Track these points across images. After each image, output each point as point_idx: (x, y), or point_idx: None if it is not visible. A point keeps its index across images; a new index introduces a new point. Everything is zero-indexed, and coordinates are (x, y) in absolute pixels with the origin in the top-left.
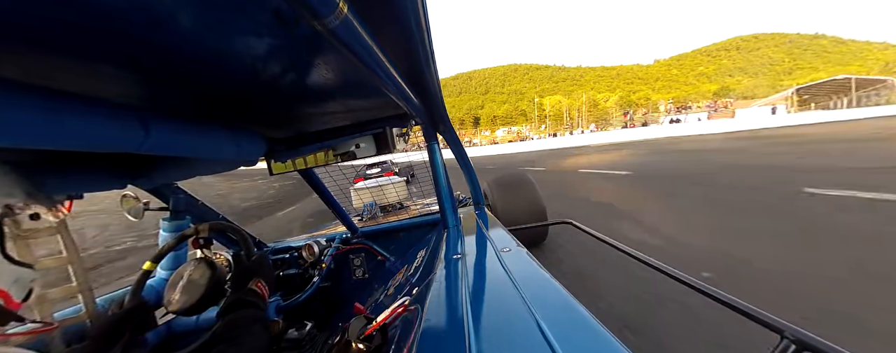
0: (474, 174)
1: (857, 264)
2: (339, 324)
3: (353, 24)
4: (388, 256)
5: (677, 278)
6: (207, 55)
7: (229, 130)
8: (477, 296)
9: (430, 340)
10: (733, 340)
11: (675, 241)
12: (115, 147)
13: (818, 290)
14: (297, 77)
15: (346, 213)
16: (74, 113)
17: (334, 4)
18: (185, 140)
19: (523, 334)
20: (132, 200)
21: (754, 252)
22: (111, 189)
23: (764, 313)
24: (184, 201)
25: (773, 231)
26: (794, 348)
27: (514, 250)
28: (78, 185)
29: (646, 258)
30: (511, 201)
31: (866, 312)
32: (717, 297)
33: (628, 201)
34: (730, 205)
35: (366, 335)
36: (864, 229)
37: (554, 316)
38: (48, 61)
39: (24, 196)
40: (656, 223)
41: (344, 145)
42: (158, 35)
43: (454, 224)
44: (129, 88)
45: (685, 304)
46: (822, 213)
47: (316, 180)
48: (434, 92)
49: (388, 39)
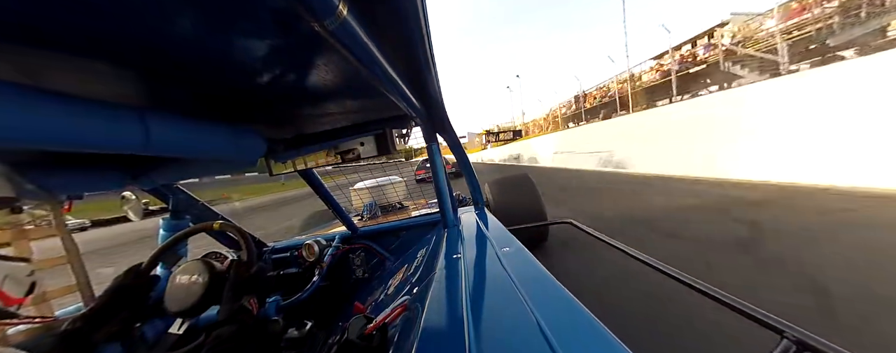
0: (474, 175)
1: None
2: (339, 323)
3: (352, 25)
4: (388, 255)
5: (677, 279)
6: (208, 55)
7: (229, 130)
8: (477, 295)
9: (430, 339)
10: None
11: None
12: (116, 147)
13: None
14: (298, 78)
15: (345, 212)
16: (74, 113)
17: (334, 6)
18: (186, 140)
19: (523, 333)
20: (132, 200)
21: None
22: (111, 189)
23: (764, 313)
24: (184, 202)
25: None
26: (795, 348)
27: (514, 249)
28: (78, 185)
29: (646, 258)
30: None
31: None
32: (716, 297)
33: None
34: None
35: (366, 334)
36: None
37: (554, 316)
38: (48, 61)
39: (24, 196)
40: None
41: (344, 146)
42: (159, 35)
43: (454, 224)
44: (129, 88)
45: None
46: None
47: (316, 180)
48: (435, 93)
49: (388, 41)
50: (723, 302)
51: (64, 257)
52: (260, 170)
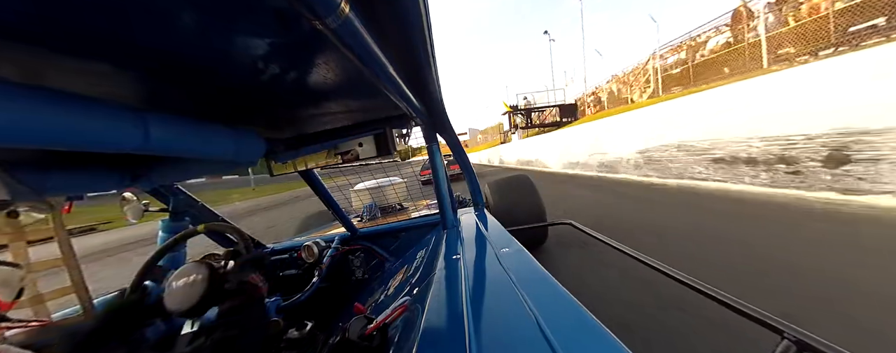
0: (474, 175)
1: None
2: (339, 324)
3: (354, 24)
4: (387, 256)
5: (678, 279)
6: (208, 55)
7: (229, 130)
8: (476, 296)
9: (430, 340)
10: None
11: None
12: (115, 147)
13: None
14: (298, 77)
15: (345, 214)
16: (74, 113)
17: (336, 5)
18: (185, 140)
19: (523, 334)
20: (132, 201)
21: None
22: (111, 190)
23: (764, 313)
24: (183, 202)
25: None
26: (795, 348)
27: (514, 250)
28: (78, 185)
29: (646, 259)
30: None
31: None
32: (717, 297)
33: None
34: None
35: (366, 335)
36: None
37: (554, 316)
38: (48, 61)
39: (23, 196)
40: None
41: (345, 146)
42: (159, 35)
43: (454, 225)
44: (129, 87)
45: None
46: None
47: (316, 180)
48: (435, 93)
49: (389, 40)
50: (723, 302)
51: (60, 258)
52: (260, 170)
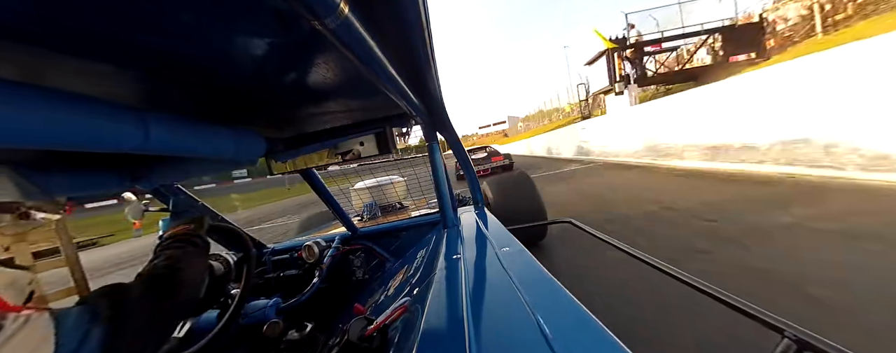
0: (474, 174)
1: None
2: (339, 325)
3: (354, 24)
4: (388, 256)
5: (678, 278)
6: (208, 55)
7: (229, 130)
8: (477, 296)
9: (431, 340)
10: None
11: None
12: (116, 147)
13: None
14: (298, 77)
15: (345, 213)
16: (74, 113)
17: (335, 5)
18: (185, 140)
19: (523, 334)
20: (133, 201)
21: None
22: (111, 190)
23: (764, 312)
24: (184, 202)
25: None
26: (795, 348)
27: (514, 249)
28: (79, 186)
29: (646, 258)
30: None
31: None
32: (717, 296)
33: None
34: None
35: (366, 335)
36: None
37: (554, 316)
38: (48, 61)
39: (24, 197)
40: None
41: (345, 145)
42: (159, 35)
43: (454, 224)
44: (129, 87)
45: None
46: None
47: (316, 180)
48: (435, 92)
49: (388, 39)
50: (723, 301)
51: (62, 260)
52: (260, 170)
